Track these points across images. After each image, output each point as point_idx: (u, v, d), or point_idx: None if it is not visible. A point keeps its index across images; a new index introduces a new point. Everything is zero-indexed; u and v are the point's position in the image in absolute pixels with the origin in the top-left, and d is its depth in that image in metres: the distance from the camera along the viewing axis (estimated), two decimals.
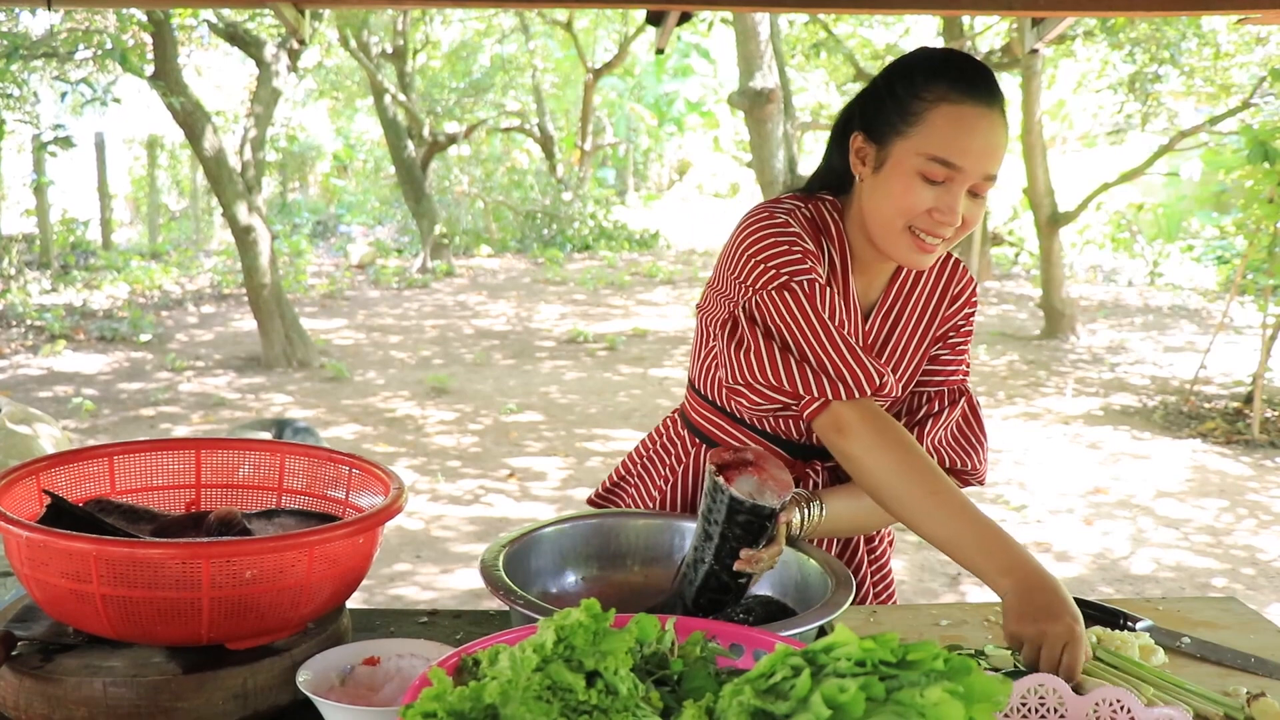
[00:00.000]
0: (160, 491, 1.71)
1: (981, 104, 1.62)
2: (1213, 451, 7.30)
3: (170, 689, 1.34)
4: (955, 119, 1.61)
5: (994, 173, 1.64)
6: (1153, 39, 11.08)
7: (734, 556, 1.54)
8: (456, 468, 6.66)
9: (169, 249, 16.51)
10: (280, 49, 10.07)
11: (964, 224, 1.66)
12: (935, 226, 1.64)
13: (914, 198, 1.63)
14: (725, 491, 1.52)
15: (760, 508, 1.51)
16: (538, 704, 1.01)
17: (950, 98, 1.62)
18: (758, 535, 1.54)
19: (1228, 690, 1.50)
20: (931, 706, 0.90)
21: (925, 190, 1.62)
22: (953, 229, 1.65)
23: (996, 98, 1.64)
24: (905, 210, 1.64)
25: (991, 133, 1.62)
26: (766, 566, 1.56)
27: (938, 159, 1.61)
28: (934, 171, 1.61)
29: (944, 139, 1.61)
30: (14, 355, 9.64)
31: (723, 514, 1.53)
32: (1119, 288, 15.31)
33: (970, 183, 1.62)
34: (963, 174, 1.61)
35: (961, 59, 1.68)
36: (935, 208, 1.62)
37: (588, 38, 19.84)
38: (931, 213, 1.63)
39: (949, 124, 1.61)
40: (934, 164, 1.61)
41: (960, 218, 1.63)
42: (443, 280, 14.94)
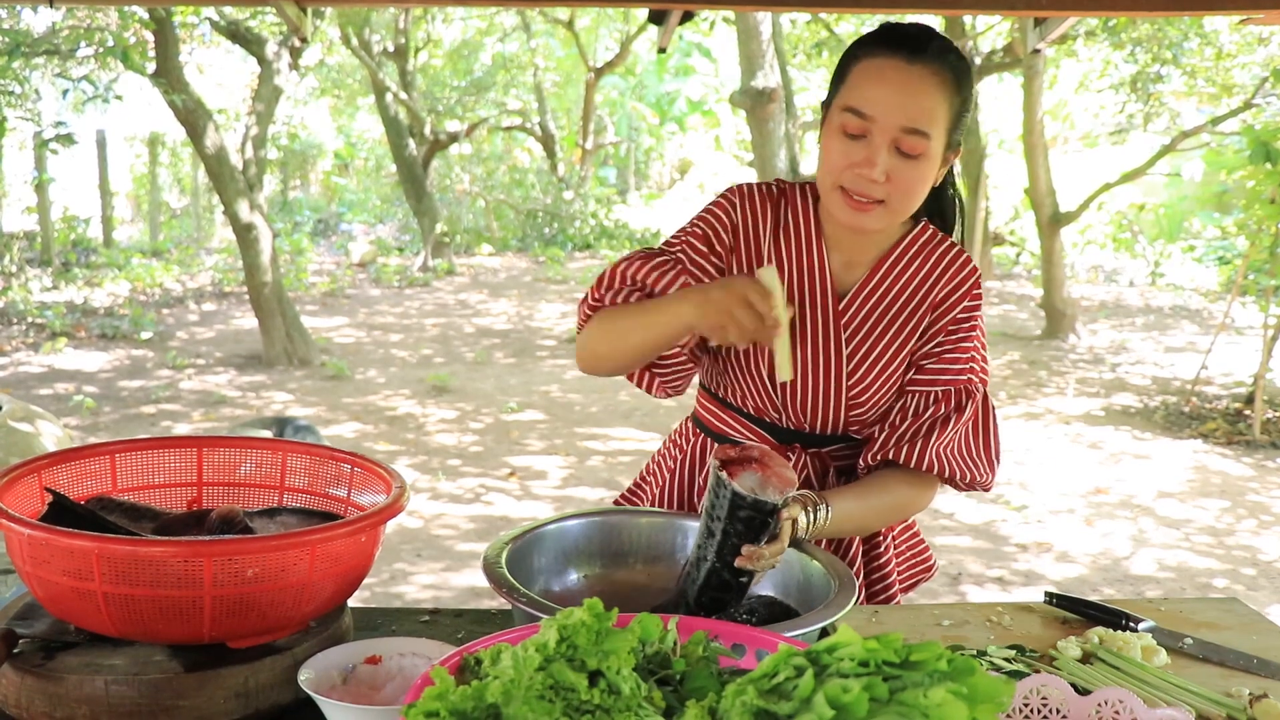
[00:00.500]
0: (162, 490, 1.70)
1: (900, 58, 1.64)
2: (1214, 452, 7.30)
3: (172, 687, 1.34)
4: (870, 71, 1.66)
5: (913, 126, 1.63)
6: (1154, 39, 11.07)
7: (736, 553, 1.53)
8: (457, 466, 6.66)
9: (170, 247, 16.51)
10: (282, 47, 10.07)
11: (898, 186, 1.66)
12: (858, 182, 1.66)
13: (835, 154, 1.68)
14: (728, 487, 1.52)
15: (762, 503, 1.51)
16: (540, 703, 1.01)
17: (871, 53, 1.67)
18: (760, 532, 1.53)
19: (1230, 691, 1.50)
20: (935, 707, 0.90)
21: (846, 144, 1.66)
22: (879, 186, 1.65)
23: (922, 55, 1.64)
24: (831, 167, 1.69)
25: (908, 85, 1.63)
26: (768, 565, 1.56)
27: (850, 109, 1.65)
28: (849, 123, 1.65)
29: (858, 90, 1.66)
30: (15, 353, 9.64)
31: (725, 510, 1.53)
32: (1120, 288, 15.31)
33: (888, 135, 1.64)
34: (875, 123, 1.63)
35: (901, 25, 1.70)
36: (853, 161, 1.66)
37: (589, 36, 19.83)
38: (853, 167, 1.66)
39: (864, 76, 1.66)
40: (849, 115, 1.66)
41: (882, 172, 1.64)
42: (444, 279, 14.94)
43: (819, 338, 1.82)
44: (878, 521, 1.84)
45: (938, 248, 1.85)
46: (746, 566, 1.53)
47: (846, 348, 1.82)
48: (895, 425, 1.82)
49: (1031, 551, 5.45)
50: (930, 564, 2.09)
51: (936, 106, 1.64)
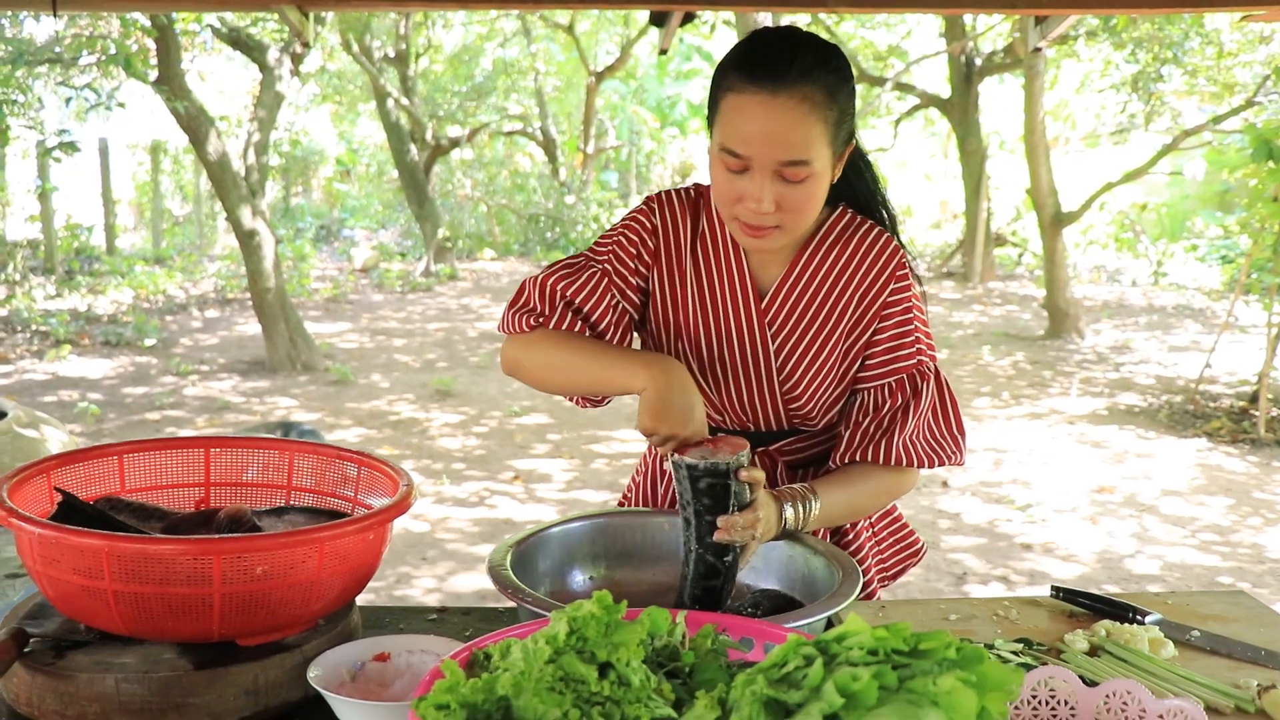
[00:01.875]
0: (170, 490, 1.71)
1: (764, 90, 1.59)
2: (1218, 450, 7.29)
3: (182, 685, 1.35)
4: (737, 108, 1.62)
5: (788, 158, 1.61)
6: (1155, 38, 11.07)
7: (712, 531, 1.53)
8: (462, 470, 6.66)
9: (173, 254, 16.53)
10: (283, 53, 10.10)
11: (789, 209, 1.65)
12: (750, 215, 1.66)
13: (723, 187, 1.67)
14: (681, 464, 1.53)
15: (715, 465, 1.51)
16: (550, 695, 1.02)
17: (735, 87, 1.63)
18: (724, 498, 1.53)
19: (1238, 683, 1.50)
20: (944, 695, 0.91)
21: (731, 179, 1.65)
22: (771, 215, 1.65)
23: (784, 81, 1.59)
24: (722, 199, 1.70)
25: (774, 120, 1.59)
26: (747, 535, 1.54)
27: (726, 149, 1.64)
28: (729, 161, 1.64)
29: (729, 129, 1.63)
30: (19, 360, 9.65)
31: (688, 489, 1.54)
32: (1123, 288, 15.30)
33: (767, 169, 1.62)
34: (752, 161, 1.62)
35: (759, 43, 1.65)
36: (740, 196, 1.65)
37: (589, 41, 19.84)
38: (742, 200, 1.66)
39: (733, 113, 1.63)
40: (726, 154, 1.64)
41: (771, 203, 1.63)
42: (446, 284, 14.95)
43: (744, 339, 1.82)
44: (867, 507, 1.84)
45: (856, 233, 1.82)
46: (725, 539, 1.52)
47: (774, 345, 1.82)
48: (858, 423, 1.81)
49: (1036, 551, 5.44)
50: (918, 549, 2.07)
51: (809, 131, 1.60)
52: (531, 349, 1.80)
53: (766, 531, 1.60)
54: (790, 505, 1.66)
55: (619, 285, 1.81)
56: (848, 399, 1.86)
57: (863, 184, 1.87)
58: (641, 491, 2.08)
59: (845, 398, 1.86)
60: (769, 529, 1.61)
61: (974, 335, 11.31)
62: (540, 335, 1.79)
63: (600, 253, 1.84)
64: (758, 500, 1.56)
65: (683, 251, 1.83)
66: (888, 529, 2.05)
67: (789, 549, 1.69)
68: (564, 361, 1.76)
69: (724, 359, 1.83)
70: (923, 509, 5.99)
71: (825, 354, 1.82)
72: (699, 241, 1.83)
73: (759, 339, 1.81)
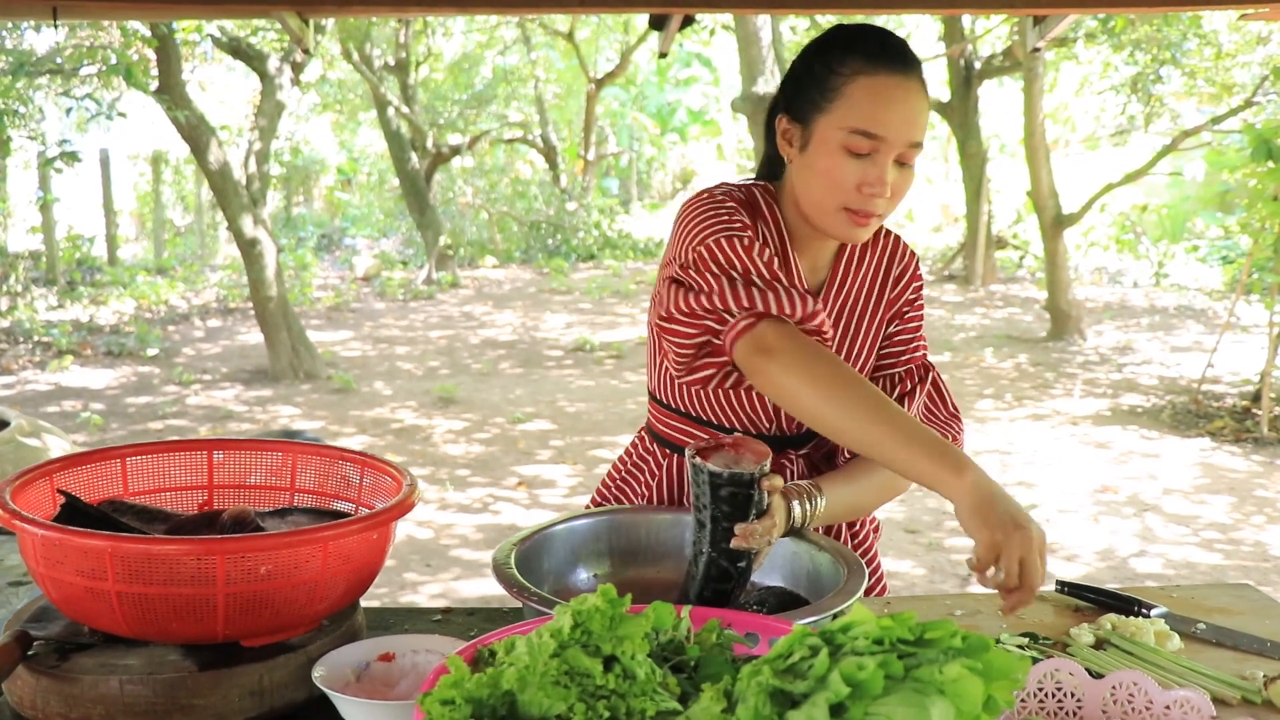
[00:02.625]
0: (173, 493, 1.71)
1: (898, 73, 1.64)
2: (1222, 450, 7.28)
3: (186, 686, 1.35)
4: (873, 90, 1.63)
5: (917, 140, 1.65)
6: (1154, 40, 11.08)
7: (729, 538, 1.52)
8: (465, 476, 6.66)
9: (174, 264, 16.54)
10: (284, 62, 10.11)
11: (897, 194, 1.67)
12: (866, 201, 1.65)
13: (841, 173, 1.65)
14: (704, 470, 1.51)
15: (739, 475, 1.50)
16: (555, 689, 1.01)
17: (867, 70, 1.64)
18: (745, 507, 1.52)
19: (1244, 674, 1.50)
20: (951, 683, 0.90)
21: (852, 164, 1.64)
22: (884, 201, 1.66)
23: (912, 66, 1.66)
24: (835, 186, 1.66)
25: (910, 100, 1.64)
26: (764, 543, 1.54)
27: (860, 131, 1.63)
28: (858, 144, 1.63)
29: (864, 110, 1.63)
30: (21, 371, 9.66)
31: (707, 494, 1.52)
32: (1124, 289, 15.29)
33: (895, 152, 1.64)
34: (886, 143, 1.63)
35: (874, 31, 1.70)
36: (863, 181, 1.64)
37: (589, 48, 19.87)
38: (860, 186, 1.65)
39: (868, 95, 1.63)
40: (857, 136, 1.63)
41: (889, 188, 1.65)
42: (448, 291, 14.96)
43: None
44: (871, 502, 1.84)
45: (881, 237, 1.88)
46: (742, 546, 1.52)
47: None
48: None
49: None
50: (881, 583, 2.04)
51: (926, 116, 1.68)
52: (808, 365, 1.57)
53: (778, 532, 1.60)
54: (798, 502, 1.65)
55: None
56: None
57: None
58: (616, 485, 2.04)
59: None
60: (779, 530, 1.61)
61: (976, 338, 11.30)
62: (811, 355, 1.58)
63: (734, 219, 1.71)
64: (773, 505, 1.56)
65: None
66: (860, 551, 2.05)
67: (794, 546, 1.69)
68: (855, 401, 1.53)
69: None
70: (927, 509, 5.98)
71: (861, 352, 1.87)
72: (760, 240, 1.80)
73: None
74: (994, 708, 0.93)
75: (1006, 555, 1.39)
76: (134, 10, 4.63)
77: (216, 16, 5.64)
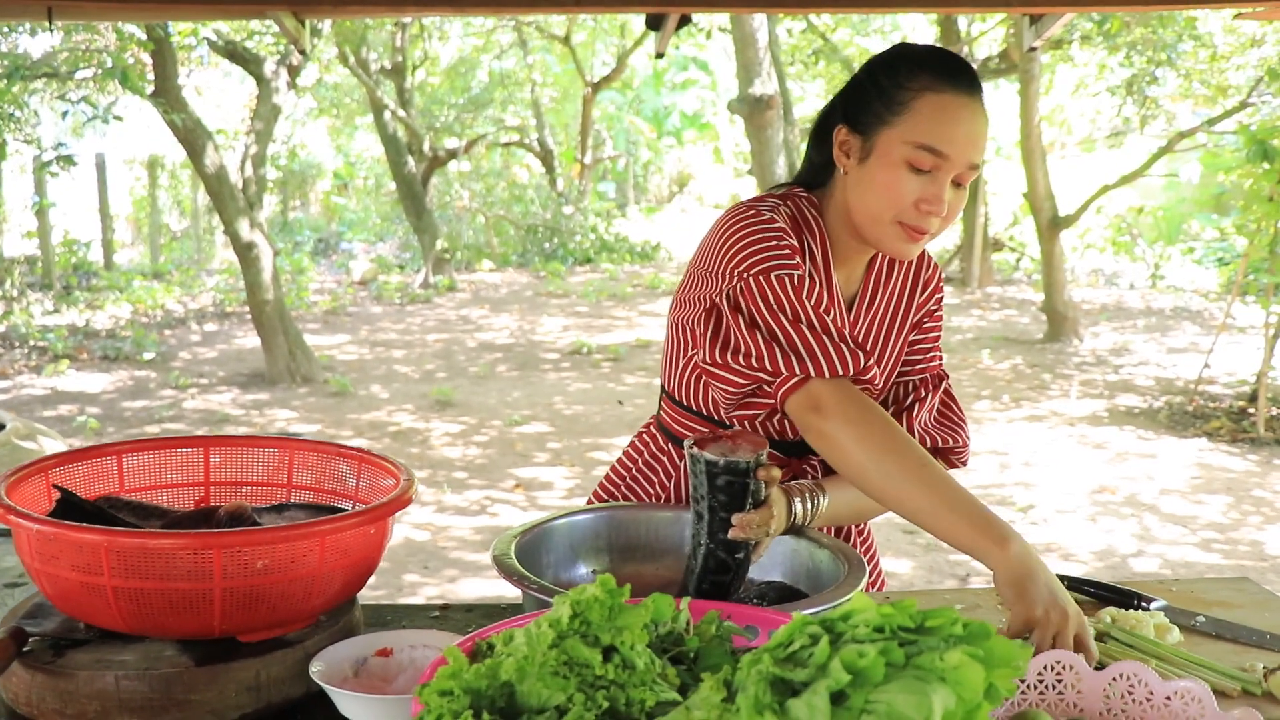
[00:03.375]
0: (169, 490, 1.70)
1: (964, 93, 1.65)
2: (1219, 450, 7.29)
3: (183, 681, 1.34)
4: (941, 107, 1.63)
5: (978, 161, 1.66)
6: (1149, 42, 11.10)
7: (726, 528, 1.53)
8: (463, 479, 6.65)
9: (171, 269, 16.53)
10: (280, 65, 10.10)
11: (951, 213, 1.68)
12: (922, 218, 1.65)
13: (901, 187, 1.64)
14: (700, 459, 1.52)
15: (735, 463, 1.51)
16: (555, 679, 1.01)
17: (935, 87, 1.64)
18: (742, 497, 1.52)
19: (1244, 666, 1.50)
20: (952, 670, 0.90)
21: (912, 179, 1.64)
22: (939, 220, 1.66)
23: (978, 89, 1.67)
24: (894, 200, 1.65)
25: (975, 121, 1.65)
26: (761, 532, 1.54)
27: (925, 146, 1.62)
28: (921, 160, 1.62)
29: (931, 127, 1.63)
30: (17, 376, 9.64)
31: (704, 484, 1.53)
32: (1120, 291, 15.31)
33: (956, 171, 1.64)
34: (949, 161, 1.63)
35: (944, 52, 1.71)
36: (922, 197, 1.64)
37: (585, 52, 19.88)
38: (919, 203, 1.64)
39: (935, 112, 1.63)
40: (921, 152, 1.62)
41: (945, 206, 1.65)
42: (445, 295, 14.95)
43: None
44: (873, 508, 1.83)
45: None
46: (740, 536, 1.52)
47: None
48: None
49: (1038, 551, 5.43)
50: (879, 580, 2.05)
51: (986, 135, 1.69)
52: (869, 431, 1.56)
53: (777, 527, 1.61)
54: (799, 500, 1.66)
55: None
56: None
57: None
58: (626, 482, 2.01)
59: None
60: (780, 524, 1.61)
61: (973, 339, 11.31)
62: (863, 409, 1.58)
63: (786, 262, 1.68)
64: (771, 497, 1.56)
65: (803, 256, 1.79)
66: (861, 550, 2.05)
67: (794, 541, 1.69)
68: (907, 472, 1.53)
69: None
70: None
71: (890, 362, 1.89)
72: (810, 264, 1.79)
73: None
74: (995, 696, 0.93)
75: (1041, 631, 1.40)
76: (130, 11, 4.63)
77: (213, 17, 5.63)
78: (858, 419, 1.56)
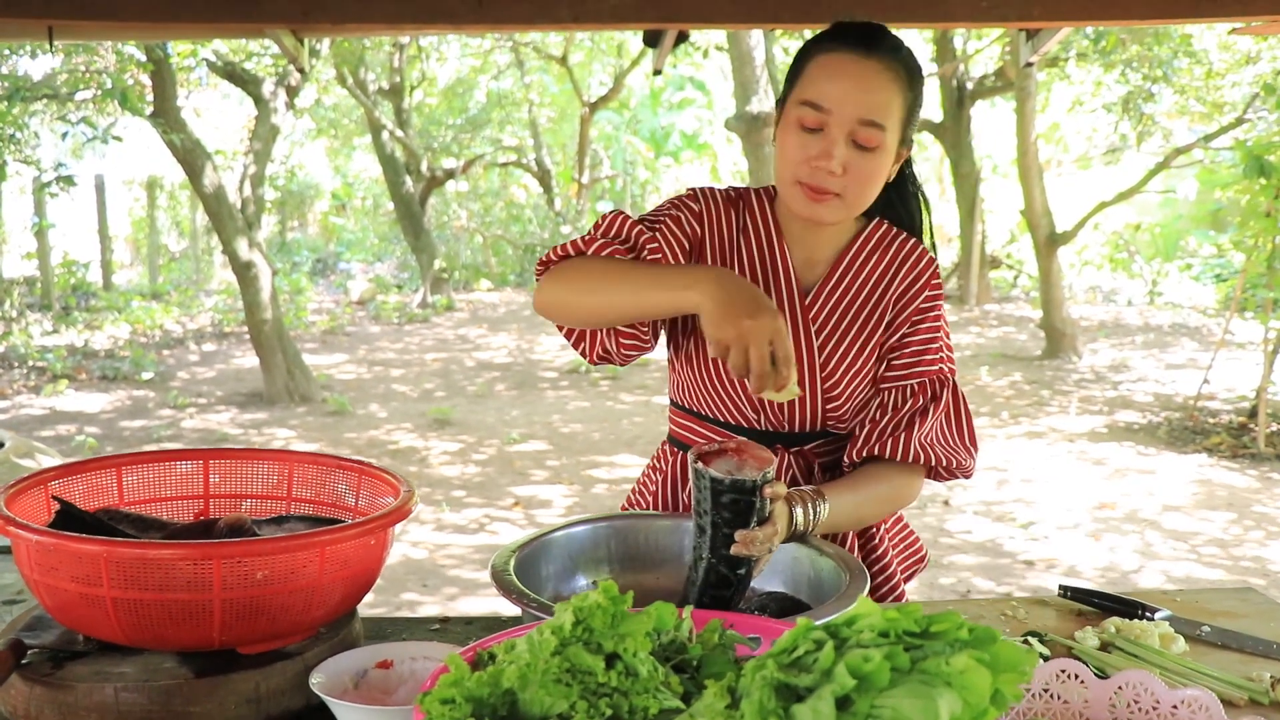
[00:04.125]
0: (168, 503, 1.70)
1: (856, 52, 1.67)
2: (1219, 465, 7.28)
3: (182, 693, 1.33)
4: (825, 65, 1.68)
5: (869, 118, 1.66)
6: (1144, 59, 11.14)
7: (729, 544, 1.50)
8: (461, 497, 6.63)
9: (169, 289, 16.53)
10: (278, 86, 10.13)
11: (855, 178, 1.68)
12: (816, 175, 1.68)
13: (793, 148, 1.69)
14: (705, 475, 1.49)
15: (741, 482, 1.48)
16: (557, 687, 1.00)
17: (824, 48, 1.70)
18: (747, 514, 1.50)
19: (1250, 676, 1.49)
20: (958, 674, 0.89)
21: (803, 138, 1.68)
22: (836, 179, 1.67)
23: (876, 50, 1.67)
24: (788, 160, 1.71)
25: (863, 78, 1.66)
26: (764, 549, 1.52)
27: (807, 102, 1.67)
28: (806, 117, 1.67)
29: (814, 84, 1.68)
30: (16, 395, 9.63)
31: (708, 500, 1.50)
32: (1119, 307, 15.32)
33: (845, 128, 1.66)
34: (832, 116, 1.65)
35: (852, 23, 1.73)
36: (811, 154, 1.67)
37: (583, 72, 19.93)
38: (810, 160, 1.68)
39: (819, 70, 1.69)
40: (805, 109, 1.68)
41: (839, 164, 1.66)
42: (443, 314, 14.96)
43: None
44: (873, 513, 1.83)
45: (894, 242, 1.88)
46: (743, 553, 1.50)
47: (817, 342, 1.83)
48: (876, 420, 1.82)
49: (1039, 567, 5.42)
50: (922, 554, 2.06)
51: (891, 100, 1.68)
52: (568, 271, 1.73)
53: (779, 540, 1.59)
54: (800, 508, 1.63)
55: (669, 252, 1.79)
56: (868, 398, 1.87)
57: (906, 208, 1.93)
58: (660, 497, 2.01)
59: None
60: (781, 537, 1.59)
61: (972, 356, 11.31)
62: (579, 259, 1.74)
63: (653, 219, 1.83)
64: (775, 513, 1.54)
65: (725, 247, 1.84)
66: (898, 534, 2.03)
67: (795, 550, 1.67)
68: (604, 280, 1.69)
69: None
70: (926, 528, 5.96)
71: (863, 353, 1.84)
72: (742, 238, 1.84)
73: (804, 337, 1.82)
74: (1001, 701, 0.92)
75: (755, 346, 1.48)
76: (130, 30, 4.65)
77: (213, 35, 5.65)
78: (558, 269, 1.74)
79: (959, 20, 3.60)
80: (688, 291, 1.56)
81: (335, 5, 3.52)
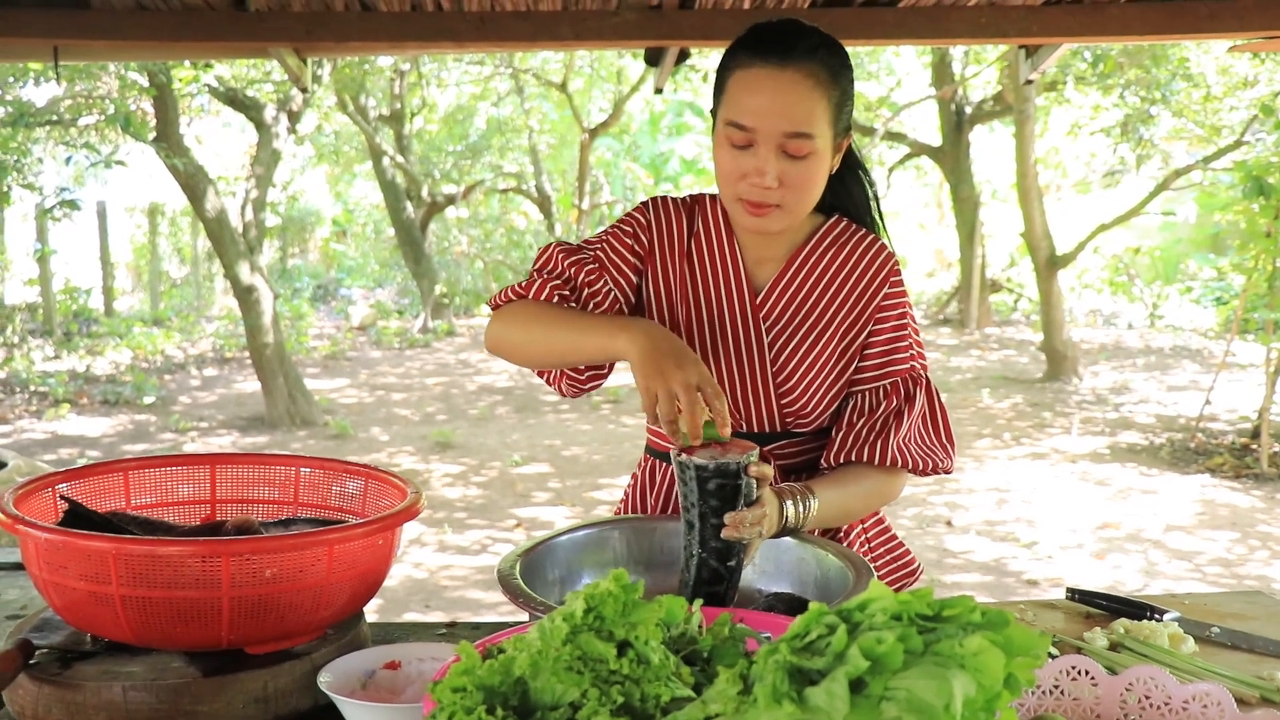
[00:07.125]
0: (176, 507, 1.70)
1: (771, 64, 1.66)
2: (1222, 486, 7.27)
3: (190, 693, 1.33)
4: (744, 82, 1.68)
5: (794, 130, 1.65)
6: (1143, 81, 11.19)
7: (718, 535, 1.50)
8: (463, 519, 6.62)
9: (171, 315, 16.54)
10: (280, 111, 10.18)
11: (792, 187, 1.69)
12: (753, 191, 1.69)
13: (727, 165, 1.71)
14: (690, 465, 1.49)
15: (725, 465, 1.48)
16: (569, 675, 1.00)
17: (742, 63, 1.69)
18: (733, 498, 1.49)
19: (1261, 675, 1.48)
20: (972, 656, 0.89)
21: (735, 156, 1.69)
22: (774, 191, 1.68)
23: (791, 56, 1.65)
24: (724, 179, 1.73)
25: (781, 91, 1.65)
26: (754, 531, 1.51)
27: (732, 123, 1.68)
28: (734, 136, 1.68)
29: (736, 103, 1.68)
30: (18, 420, 9.63)
31: (695, 491, 1.50)
32: (1119, 330, 15.33)
33: (772, 142, 1.66)
34: (757, 133, 1.66)
35: (765, 27, 1.71)
36: (745, 171, 1.68)
37: (582, 99, 20.01)
38: (745, 178, 1.69)
39: (739, 88, 1.68)
40: (732, 129, 1.68)
41: (774, 178, 1.67)
42: (444, 340, 14.97)
43: (740, 337, 1.84)
44: (857, 509, 1.83)
45: (851, 237, 1.87)
46: (733, 536, 1.49)
47: (768, 339, 1.83)
48: (852, 424, 1.83)
49: (1043, 587, 5.40)
50: (914, 567, 2.03)
51: (814, 107, 1.66)
52: (511, 316, 1.78)
53: (769, 528, 1.58)
54: (791, 502, 1.63)
55: (612, 274, 1.83)
56: (841, 402, 1.86)
57: (857, 190, 1.92)
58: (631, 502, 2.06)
59: (840, 400, 1.86)
60: (771, 525, 1.59)
61: (973, 379, 11.31)
62: (522, 304, 1.78)
63: (594, 242, 1.86)
64: (763, 497, 1.54)
65: (677, 252, 1.86)
66: (881, 542, 2.01)
67: (799, 550, 1.67)
68: (541, 327, 1.74)
69: (720, 357, 1.84)
70: (928, 548, 5.95)
71: (821, 351, 1.83)
72: (694, 242, 1.86)
73: (754, 336, 1.83)
74: (1015, 685, 0.92)
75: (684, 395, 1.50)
76: (135, 50, 4.68)
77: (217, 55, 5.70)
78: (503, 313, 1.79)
79: (959, 37, 3.62)
80: (615, 341, 1.61)
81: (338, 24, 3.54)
